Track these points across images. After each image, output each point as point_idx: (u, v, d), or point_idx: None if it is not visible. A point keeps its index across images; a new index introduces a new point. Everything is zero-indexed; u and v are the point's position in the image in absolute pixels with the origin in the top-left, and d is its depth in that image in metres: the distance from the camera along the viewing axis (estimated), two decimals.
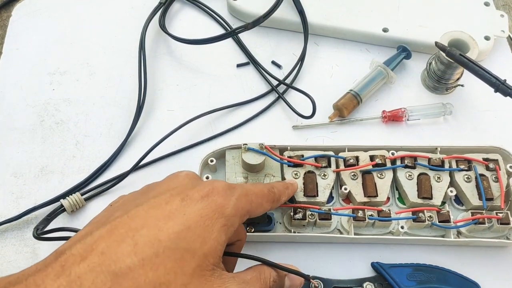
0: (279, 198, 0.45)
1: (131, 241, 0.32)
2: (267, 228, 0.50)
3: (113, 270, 0.30)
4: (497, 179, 0.52)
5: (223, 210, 0.35)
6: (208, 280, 0.33)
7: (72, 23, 0.69)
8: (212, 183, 0.37)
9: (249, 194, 0.39)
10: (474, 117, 0.61)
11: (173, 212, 0.34)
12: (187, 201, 0.35)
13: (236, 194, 0.37)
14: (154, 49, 0.67)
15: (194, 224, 0.33)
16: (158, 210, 0.34)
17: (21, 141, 0.59)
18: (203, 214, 0.34)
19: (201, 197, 0.35)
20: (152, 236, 0.32)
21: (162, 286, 0.31)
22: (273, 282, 0.38)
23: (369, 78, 0.61)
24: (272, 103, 0.62)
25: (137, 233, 0.32)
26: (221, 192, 0.36)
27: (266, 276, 0.38)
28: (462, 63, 0.55)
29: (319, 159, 0.53)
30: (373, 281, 0.49)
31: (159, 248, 0.32)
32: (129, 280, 0.30)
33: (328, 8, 0.67)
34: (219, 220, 0.34)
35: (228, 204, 0.36)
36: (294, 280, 0.40)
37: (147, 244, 0.32)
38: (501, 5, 0.72)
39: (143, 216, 0.34)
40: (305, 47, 0.65)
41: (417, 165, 0.53)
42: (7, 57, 0.65)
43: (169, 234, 0.32)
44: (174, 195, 0.35)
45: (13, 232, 0.53)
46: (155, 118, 0.61)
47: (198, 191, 0.36)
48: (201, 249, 0.33)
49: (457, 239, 0.50)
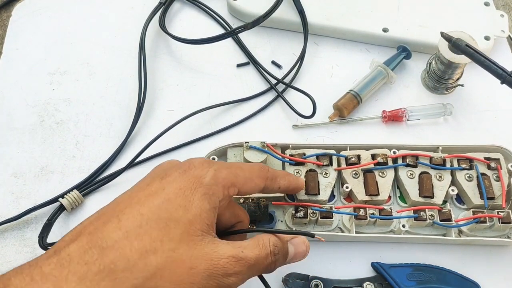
0: (273, 177, 0.44)
1: (116, 220, 0.34)
2: (269, 226, 0.50)
3: (100, 245, 0.32)
4: (498, 178, 0.52)
5: (201, 180, 0.37)
6: (198, 245, 0.34)
7: (72, 23, 0.69)
8: (190, 160, 0.39)
9: (232, 167, 0.40)
10: (474, 117, 0.61)
11: (154, 190, 0.36)
12: (167, 179, 0.37)
13: (216, 166, 0.39)
14: (154, 49, 0.67)
15: (174, 196, 0.35)
16: (140, 191, 0.36)
17: (21, 141, 0.58)
18: (181, 187, 0.36)
19: (180, 174, 0.37)
20: (134, 212, 0.34)
21: (148, 253, 0.33)
22: (273, 247, 0.38)
23: (369, 78, 0.61)
24: (271, 102, 0.62)
25: (121, 213, 0.34)
26: (198, 165, 0.38)
27: (264, 241, 0.38)
28: (469, 54, 0.54)
29: (321, 158, 0.53)
30: (373, 281, 0.49)
31: (142, 221, 0.34)
32: (115, 251, 0.32)
33: (328, 8, 0.67)
34: (198, 189, 0.36)
35: (205, 174, 0.37)
36: (298, 246, 0.41)
37: (130, 219, 0.34)
38: (501, 5, 0.72)
39: (127, 199, 0.36)
40: (304, 46, 0.65)
41: (419, 164, 0.53)
42: (7, 57, 0.65)
43: (150, 208, 0.34)
44: (154, 177, 0.38)
45: (13, 232, 0.52)
46: (155, 118, 0.61)
47: (177, 169, 0.38)
48: (184, 216, 0.35)
49: (458, 238, 0.50)
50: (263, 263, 0.38)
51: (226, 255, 0.35)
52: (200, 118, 0.59)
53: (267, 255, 0.38)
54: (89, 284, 0.31)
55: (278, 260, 0.39)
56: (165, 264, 0.33)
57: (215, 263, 0.34)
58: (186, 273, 0.33)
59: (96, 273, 0.31)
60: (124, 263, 0.32)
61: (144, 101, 0.61)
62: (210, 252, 0.35)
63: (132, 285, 0.32)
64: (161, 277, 0.32)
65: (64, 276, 0.31)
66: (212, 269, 0.34)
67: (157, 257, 0.33)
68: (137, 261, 0.32)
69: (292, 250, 0.40)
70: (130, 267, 0.32)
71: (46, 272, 0.31)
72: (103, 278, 0.31)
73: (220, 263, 0.34)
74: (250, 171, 0.41)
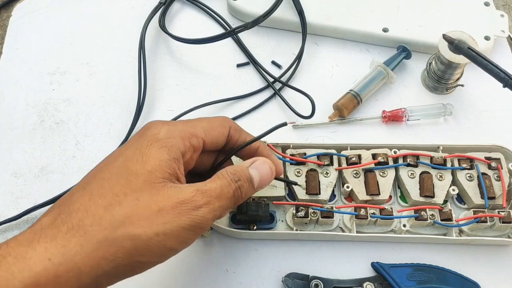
0: (239, 128, 0.45)
1: (81, 189, 0.36)
2: (269, 226, 0.50)
3: (67, 211, 0.35)
4: (499, 178, 0.52)
5: (156, 136, 0.38)
6: (161, 190, 0.36)
7: (72, 23, 0.69)
8: (147, 124, 0.41)
9: (190, 121, 0.41)
10: (474, 117, 0.61)
11: (113, 157, 0.38)
12: (125, 145, 0.39)
13: (170, 123, 0.40)
14: (154, 49, 0.67)
15: (131, 155, 0.37)
16: (102, 163, 0.39)
17: (21, 141, 0.58)
18: (137, 147, 0.38)
19: (136, 138, 0.39)
20: (97, 178, 0.37)
21: (113, 206, 0.34)
22: (232, 174, 0.39)
23: (369, 78, 0.61)
24: (268, 99, 0.62)
25: (85, 184, 0.37)
26: (152, 126, 0.40)
27: (222, 172, 0.39)
28: (470, 57, 0.54)
29: (322, 157, 0.53)
30: (373, 281, 0.49)
31: (104, 182, 0.36)
32: (81, 212, 0.34)
33: (328, 8, 0.67)
34: (154, 144, 0.38)
35: (159, 131, 0.39)
36: (261, 167, 0.42)
37: (93, 185, 0.36)
38: (501, 5, 0.72)
39: (91, 173, 0.38)
40: (302, 46, 0.65)
41: (419, 163, 0.53)
42: (7, 57, 0.65)
43: (110, 170, 0.37)
44: (118, 149, 0.40)
45: (13, 232, 0.52)
46: (155, 118, 0.60)
47: (135, 136, 0.40)
48: (143, 168, 0.36)
49: (459, 237, 0.50)
50: (228, 191, 0.39)
51: (190, 190, 0.36)
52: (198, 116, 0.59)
53: (230, 182, 0.39)
54: (61, 242, 0.33)
55: (242, 186, 0.40)
56: (132, 212, 0.34)
57: (182, 199, 0.36)
58: (155, 215, 0.35)
59: (66, 232, 0.33)
60: (91, 219, 0.34)
61: (144, 100, 0.61)
62: (175, 194, 0.36)
63: (103, 236, 0.33)
64: (131, 223, 0.34)
65: (36, 239, 0.33)
66: (180, 206, 0.35)
67: (123, 207, 0.35)
68: (103, 215, 0.34)
69: (255, 173, 0.41)
70: (97, 221, 0.34)
71: (21, 239, 0.33)
72: (74, 235, 0.33)
73: (187, 198, 0.36)
74: (209, 121, 0.43)
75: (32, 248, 0.32)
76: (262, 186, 0.42)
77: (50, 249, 0.32)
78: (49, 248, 0.32)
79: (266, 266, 0.50)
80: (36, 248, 0.32)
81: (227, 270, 0.50)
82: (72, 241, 0.33)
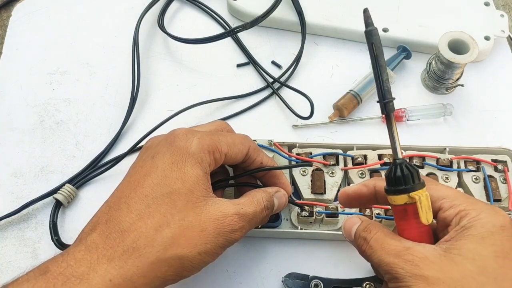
0: (257, 148, 0.46)
1: (125, 206, 0.38)
2: (275, 224, 0.50)
3: (118, 230, 0.36)
4: (505, 181, 0.52)
5: (187, 150, 0.40)
6: (203, 209, 0.39)
7: (72, 23, 0.69)
8: (173, 131, 0.42)
9: (215, 134, 0.43)
10: (474, 117, 0.61)
11: (148, 170, 0.40)
12: (157, 157, 0.40)
13: (198, 134, 0.42)
14: (154, 49, 0.67)
15: (169, 171, 0.39)
16: (137, 175, 0.40)
17: (21, 141, 0.58)
18: (172, 160, 0.40)
19: (167, 148, 0.41)
20: (139, 195, 0.38)
21: (163, 227, 0.37)
22: (266, 202, 0.43)
23: (369, 78, 0.61)
24: (265, 98, 0.62)
25: (128, 199, 0.38)
26: (182, 137, 0.41)
27: (258, 198, 0.43)
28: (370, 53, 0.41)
29: (327, 157, 0.53)
30: (373, 281, 0.49)
31: (148, 201, 0.38)
32: (133, 232, 0.36)
33: (328, 8, 0.67)
34: (188, 159, 0.40)
35: (190, 144, 0.41)
36: (281, 198, 0.46)
37: (138, 202, 0.38)
38: (501, 5, 0.72)
39: (128, 185, 0.39)
40: (302, 46, 0.65)
41: (425, 165, 0.53)
42: (7, 57, 0.65)
43: (151, 187, 0.38)
44: (145, 158, 0.41)
45: (13, 232, 0.52)
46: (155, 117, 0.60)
47: (164, 144, 0.41)
48: (184, 187, 0.38)
49: None
50: (259, 216, 0.43)
51: (230, 213, 0.39)
52: (198, 114, 0.60)
53: (262, 209, 0.43)
54: (118, 263, 0.35)
55: (269, 213, 0.44)
56: (179, 233, 0.37)
57: (222, 222, 0.39)
58: (198, 236, 0.37)
59: (121, 253, 0.35)
60: (144, 241, 0.36)
61: (137, 93, 0.61)
62: (216, 213, 0.39)
63: (156, 257, 0.36)
64: (178, 245, 0.37)
65: (95, 259, 0.35)
66: (220, 228, 0.38)
67: (171, 228, 0.37)
68: (155, 236, 0.36)
69: (276, 202, 0.45)
70: (150, 243, 0.36)
71: (79, 258, 0.35)
72: (129, 256, 0.35)
73: (226, 221, 0.39)
74: (232, 137, 0.44)
75: (93, 270, 0.34)
76: (273, 213, 0.46)
77: (110, 270, 0.35)
78: (109, 269, 0.35)
79: (266, 266, 0.50)
80: (97, 270, 0.34)
81: (227, 270, 0.50)
82: (129, 263, 0.35)
